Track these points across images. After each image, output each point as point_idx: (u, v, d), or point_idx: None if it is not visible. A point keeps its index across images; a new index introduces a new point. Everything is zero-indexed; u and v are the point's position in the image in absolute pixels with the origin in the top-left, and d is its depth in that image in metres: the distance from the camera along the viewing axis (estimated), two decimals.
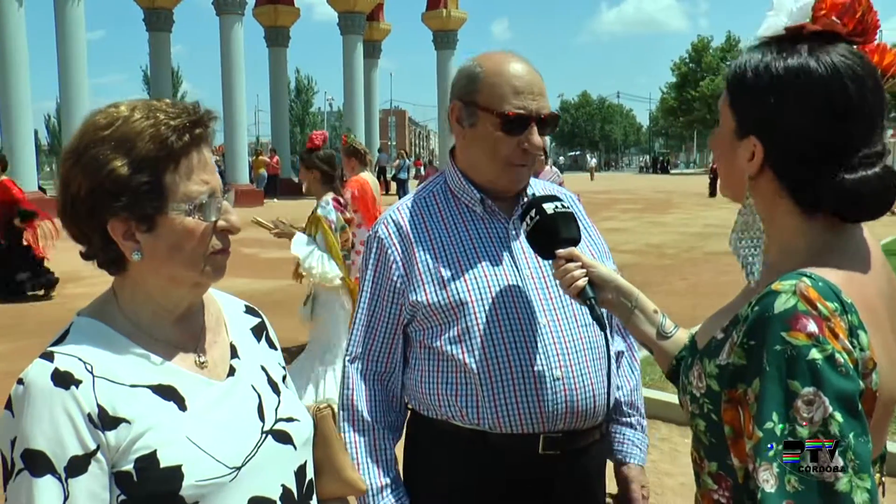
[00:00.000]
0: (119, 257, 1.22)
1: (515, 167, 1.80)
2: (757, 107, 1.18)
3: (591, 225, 2.01)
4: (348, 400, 1.84)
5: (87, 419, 1.11)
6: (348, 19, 30.32)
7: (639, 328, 1.57)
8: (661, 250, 13.71)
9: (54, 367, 1.13)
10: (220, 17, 26.59)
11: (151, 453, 1.14)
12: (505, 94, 1.75)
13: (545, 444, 1.75)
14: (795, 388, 1.00)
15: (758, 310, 1.07)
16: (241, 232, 1.30)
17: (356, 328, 1.87)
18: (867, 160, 1.12)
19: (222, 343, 1.37)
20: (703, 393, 1.19)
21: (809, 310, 1.03)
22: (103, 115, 1.21)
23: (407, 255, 1.81)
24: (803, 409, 1.00)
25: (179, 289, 1.27)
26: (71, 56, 20.04)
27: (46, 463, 1.09)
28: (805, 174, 1.15)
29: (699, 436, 1.24)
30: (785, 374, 1.02)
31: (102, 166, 1.16)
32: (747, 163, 1.20)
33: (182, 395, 1.22)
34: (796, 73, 1.13)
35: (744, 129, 1.21)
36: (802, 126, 1.13)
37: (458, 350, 1.74)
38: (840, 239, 1.18)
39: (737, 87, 1.22)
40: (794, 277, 1.08)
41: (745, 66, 1.20)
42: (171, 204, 1.19)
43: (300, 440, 1.35)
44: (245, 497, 1.22)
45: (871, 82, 1.14)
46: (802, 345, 1.01)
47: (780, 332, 1.03)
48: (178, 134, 1.19)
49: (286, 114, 34.29)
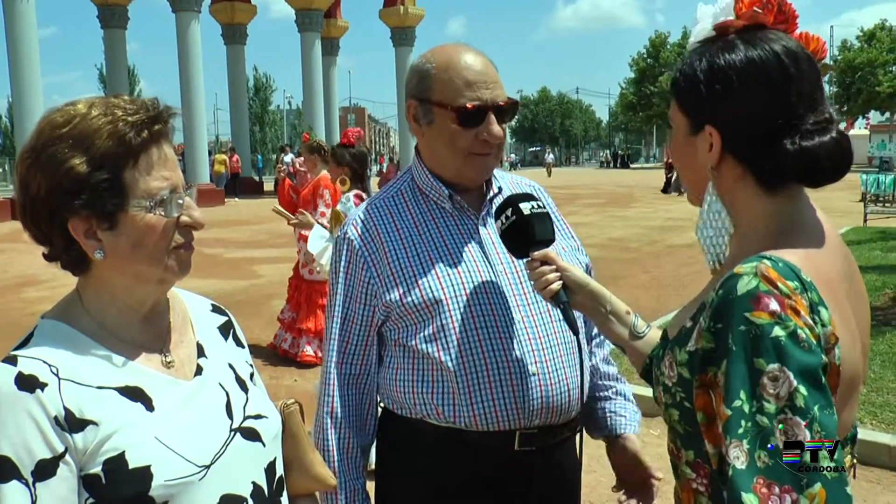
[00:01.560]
0: (82, 257, 1.21)
1: (478, 157, 1.78)
2: (707, 99, 1.24)
3: (562, 219, 2.00)
4: (328, 403, 1.82)
5: (53, 422, 1.10)
6: (306, 16, 30.10)
7: (613, 331, 1.61)
8: (623, 244, 13.87)
9: (18, 371, 1.11)
10: (176, 14, 26.18)
11: (120, 455, 1.13)
12: (458, 88, 1.73)
13: (521, 441, 1.75)
14: (761, 365, 1.04)
15: (721, 293, 1.11)
16: (203, 232, 1.30)
17: (331, 332, 1.84)
18: (819, 126, 1.18)
19: (189, 342, 1.36)
20: (674, 382, 1.23)
21: (771, 289, 1.07)
22: (60, 113, 1.19)
23: (377, 256, 1.78)
24: (769, 385, 1.03)
25: (145, 286, 1.26)
26: (22, 53, 19.58)
27: (12, 468, 1.07)
28: (764, 149, 1.20)
29: (674, 426, 1.27)
30: (750, 353, 1.05)
31: (60, 165, 1.15)
32: (707, 154, 1.26)
33: (149, 395, 1.21)
34: (737, 60, 1.22)
35: (697, 124, 1.27)
36: (752, 105, 1.21)
37: (434, 348, 1.73)
38: (801, 217, 1.23)
39: (683, 88, 1.29)
40: (754, 260, 1.12)
41: (687, 68, 1.28)
42: (132, 201, 1.18)
43: (269, 437, 1.35)
44: (216, 495, 1.22)
45: (802, 55, 1.22)
46: (766, 323, 1.05)
47: (744, 312, 1.07)
48: (137, 130, 1.18)
49: (245, 112, 33.99)
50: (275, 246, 14.35)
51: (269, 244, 14.91)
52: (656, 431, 5.15)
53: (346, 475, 1.80)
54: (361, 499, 1.82)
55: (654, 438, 5.03)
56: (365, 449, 1.87)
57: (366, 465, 1.87)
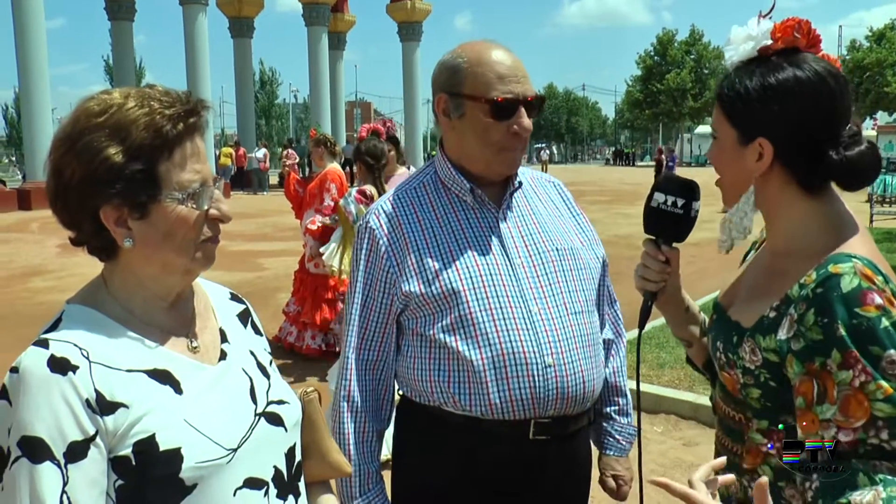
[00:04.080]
0: (110, 244, 1.23)
1: (508, 152, 1.81)
2: (761, 114, 1.39)
3: (580, 212, 2.04)
4: (345, 388, 1.87)
5: (85, 404, 1.11)
6: (313, 10, 30.09)
7: (686, 330, 1.71)
8: (629, 241, 13.82)
9: (50, 354, 1.12)
10: (183, 6, 26.17)
11: (150, 437, 1.15)
12: (490, 81, 1.76)
13: (536, 430, 1.78)
14: (878, 352, 1.22)
15: (822, 292, 1.28)
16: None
17: (351, 318, 1.88)
18: (853, 138, 1.37)
19: (212, 328, 1.38)
20: (758, 365, 1.40)
21: (871, 286, 1.26)
22: (96, 101, 1.21)
23: (398, 246, 1.82)
24: (888, 367, 1.22)
25: (171, 276, 1.28)
26: (30, 45, 19.59)
27: (45, 449, 1.09)
28: (812, 158, 1.38)
29: (749, 402, 1.45)
30: (865, 343, 1.22)
31: (97, 153, 1.16)
32: (755, 163, 1.42)
33: (177, 378, 1.23)
34: (789, 79, 1.38)
35: (749, 136, 1.42)
36: (801, 120, 1.37)
37: (451, 338, 1.76)
38: (845, 212, 1.42)
39: (734, 103, 1.43)
40: (844, 260, 1.30)
41: (738, 85, 1.42)
42: (165, 192, 1.20)
43: (290, 422, 1.37)
44: (240, 478, 1.24)
45: (840, 75, 1.40)
46: (874, 316, 1.23)
47: (854, 308, 1.24)
48: (173, 123, 1.19)
49: (252, 105, 33.96)
50: (280, 239, 14.38)
51: (275, 237, 14.93)
52: (659, 428, 5.17)
53: (361, 458, 1.84)
54: (375, 482, 1.86)
55: (656, 435, 5.06)
56: (380, 434, 1.90)
57: (379, 452, 1.91)
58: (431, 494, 1.87)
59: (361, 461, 1.85)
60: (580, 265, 1.90)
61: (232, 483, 1.23)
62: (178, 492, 1.17)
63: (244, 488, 1.25)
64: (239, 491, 1.24)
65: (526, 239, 1.86)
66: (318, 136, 7.10)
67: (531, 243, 1.85)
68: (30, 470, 1.08)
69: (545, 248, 1.86)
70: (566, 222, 1.97)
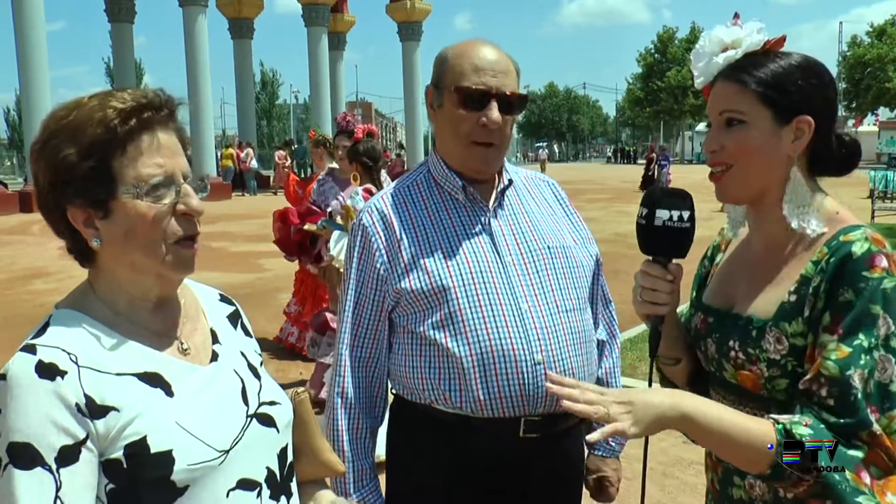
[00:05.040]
0: (85, 247, 1.23)
1: (479, 146, 1.81)
2: (803, 90, 1.42)
3: (574, 210, 2.05)
4: (339, 384, 1.87)
5: (74, 409, 1.11)
6: (313, 11, 30.05)
7: (681, 345, 1.64)
8: (628, 239, 13.81)
9: (38, 360, 1.12)
10: (183, 8, 26.16)
11: (142, 439, 1.15)
12: (465, 72, 1.78)
13: (526, 428, 1.78)
14: (877, 311, 1.30)
15: (835, 260, 1.35)
16: (209, 225, 1.31)
17: (343, 315, 1.89)
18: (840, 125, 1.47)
19: (203, 329, 1.38)
20: (784, 353, 1.41)
21: (881, 249, 1.34)
22: (63, 106, 1.22)
23: (390, 243, 1.83)
24: (883, 325, 1.30)
25: (144, 277, 1.26)
26: (30, 47, 19.59)
27: (35, 455, 1.08)
28: (830, 138, 1.45)
29: (774, 395, 1.44)
30: (867, 302, 1.30)
31: (57, 155, 1.17)
32: (791, 144, 1.43)
33: (168, 381, 1.23)
34: (811, 61, 1.45)
35: (787, 115, 1.42)
36: (833, 97, 1.47)
37: (441, 335, 1.77)
38: (837, 203, 1.46)
39: (770, 84, 1.42)
40: (854, 229, 1.37)
41: (772, 69, 1.43)
42: (121, 188, 1.19)
43: (282, 423, 1.37)
44: (233, 479, 1.24)
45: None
46: (877, 277, 1.31)
47: (861, 270, 1.32)
48: (124, 118, 1.18)
49: (252, 106, 33.97)
50: None
51: None
52: None
53: (355, 454, 1.84)
54: (370, 478, 1.86)
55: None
56: (373, 431, 1.90)
57: (373, 450, 1.91)
58: (424, 493, 1.87)
59: (355, 457, 1.85)
60: (572, 263, 1.90)
61: (225, 484, 1.23)
62: (171, 494, 1.17)
63: (237, 489, 1.24)
64: (232, 492, 1.24)
65: (517, 237, 1.86)
66: (318, 136, 7.10)
67: (523, 241, 1.86)
68: (19, 476, 1.08)
69: (537, 247, 1.86)
70: (559, 221, 1.97)
